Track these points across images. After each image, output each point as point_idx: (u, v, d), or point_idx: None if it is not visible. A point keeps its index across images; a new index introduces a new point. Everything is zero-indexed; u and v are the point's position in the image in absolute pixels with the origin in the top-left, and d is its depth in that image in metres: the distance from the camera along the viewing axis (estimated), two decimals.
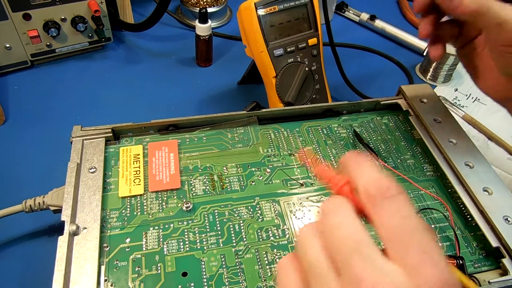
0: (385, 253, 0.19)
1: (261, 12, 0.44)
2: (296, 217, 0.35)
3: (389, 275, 0.17)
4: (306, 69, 0.47)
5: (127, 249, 0.32)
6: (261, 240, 0.33)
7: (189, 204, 0.35)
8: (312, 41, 0.47)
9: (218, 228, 0.34)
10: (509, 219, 0.34)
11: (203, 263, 0.31)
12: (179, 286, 0.30)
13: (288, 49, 0.46)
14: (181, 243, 0.32)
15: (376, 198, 0.19)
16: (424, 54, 0.66)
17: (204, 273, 0.31)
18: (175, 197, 0.36)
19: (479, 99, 0.60)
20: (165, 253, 0.32)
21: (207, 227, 0.34)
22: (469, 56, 0.36)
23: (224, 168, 0.38)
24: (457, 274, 0.23)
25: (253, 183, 0.37)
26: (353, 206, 0.21)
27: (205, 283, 0.30)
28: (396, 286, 0.17)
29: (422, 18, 0.35)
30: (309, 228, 0.21)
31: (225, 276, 0.31)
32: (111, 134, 0.39)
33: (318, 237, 0.20)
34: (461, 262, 0.31)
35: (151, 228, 0.33)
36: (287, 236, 0.34)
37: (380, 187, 0.20)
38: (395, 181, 0.20)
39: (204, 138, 0.41)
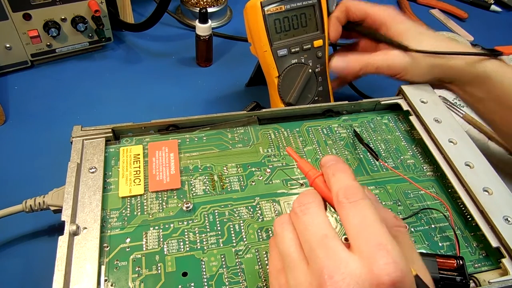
0: (348, 246, 0.22)
1: (267, 11, 0.44)
2: None
3: (348, 264, 0.21)
4: (310, 70, 0.47)
5: (127, 249, 0.32)
6: (261, 240, 0.33)
7: (189, 204, 0.35)
8: (317, 43, 0.47)
9: (218, 228, 0.34)
10: (509, 219, 0.34)
11: (203, 263, 0.31)
12: (179, 286, 0.30)
13: (293, 50, 0.46)
14: (181, 243, 0.32)
15: (343, 203, 0.23)
16: None
17: (204, 273, 0.31)
18: (175, 197, 0.36)
19: None
20: (165, 253, 0.32)
21: (207, 227, 0.34)
22: None
23: (224, 168, 0.38)
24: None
25: (253, 183, 0.37)
26: (322, 198, 0.25)
27: (205, 283, 0.30)
28: (353, 273, 0.20)
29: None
30: (282, 222, 0.26)
31: (225, 276, 0.31)
32: (111, 134, 0.39)
33: (291, 230, 0.25)
34: (461, 262, 0.31)
35: (151, 228, 0.33)
36: None
37: (347, 194, 0.24)
38: (361, 188, 0.24)
39: (204, 138, 0.41)
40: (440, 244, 0.34)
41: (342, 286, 0.20)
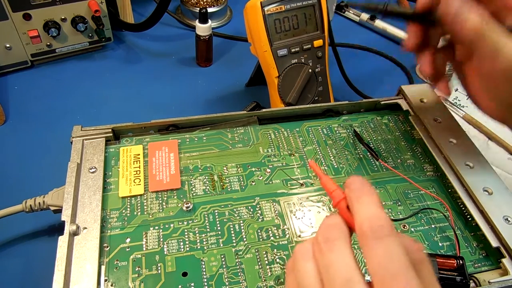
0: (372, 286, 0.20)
1: (267, 11, 0.44)
2: (296, 217, 0.35)
3: None
4: (310, 70, 0.47)
5: (127, 249, 0.32)
6: (261, 240, 0.33)
7: (189, 204, 0.35)
8: (317, 43, 0.47)
9: (218, 228, 0.34)
10: (509, 219, 0.34)
11: (203, 263, 0.31)
12: (179, 286, 0.30)
13: (293, 50, 0.46)
14: (181, 243, 0.32)
15: (367, 237, 0.21)
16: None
17: (204, 273, 0.31)
18: (175, 197, 0.36)
19: None
20: (165, 253, 0.32)
21: (207, 227, 0.34)
22: (461, 79, 0.36)
23: (224, 168, 0.38)
24: None
25: (253, 183, 0.37)
26: (348, 226, 0.23)
27: (205, 283, 0.30)
28: None
29: (420, 56, 0.35)
30: (304, 252, 0.23)
31: (225, 276, 0.31)
32: (111, 134, 0.39)
33: (313, 263, 0.22)
34: (461, 262, 0.31)
35: (151, 228, 0.33)
36: (287, 236, 0.34)
37: (372, 227, 0.21)
38: (389, 220, 0.21)
39: (204, 138, 0.41)
40: (440, 244, 0.34)
41: None
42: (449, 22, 0.31)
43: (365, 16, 0.73)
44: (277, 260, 0.32)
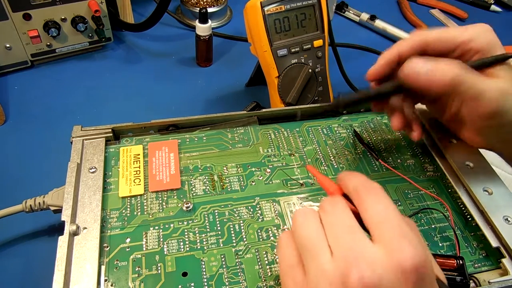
0: (371, 238, 0.23)
1: (267, 11, 0.44)
2: None
3: (374, 252, 0.22)
4: (310, 70, 0.47)
5: (127, 249, 0.32)
6: (261, 240, 0.33)
7: (189, 204, 0.35)
8: (317, 43, 0.47)
9: (218, 228, 0.34)
10: (509, 219, 0.34)
11: (203, 263, 0.31)
12: (179, 286, 0.30)
13: (293, 50, 0.46)
14: (181, 243, 0.32)
15: (361, 194, 0.25)
16: None
17: (204, 273, 0.31)
18: (175, 197, 0.36)
19: None
20: (165, 253, 0.32)
21: (207, 227, 0.34)
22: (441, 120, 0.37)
23: (224, 168, 0.38)
24: None
25: (253, 183, 0.37)
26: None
27: (205, 283, 0.30)
28: (378, 261, 0.21)
29: (391, 115, 0.36)
30: (306, 212, 0.26)
31: (225, 276, 0.31)
32: (111, 134, 0.39)
33: (316, 220, 0.25)
34: (461, 262, 0.31)
35: (151, 228, 0.33)
36: None
37: (365, 186, 0.25)
38: (378, 184, 0.25)
39: (204, 138, 0.41)
40: (440, 244, 0.34)
41: (367, 274, 0.21)
42: (422, 80, 0.31)
43: (365, 16, 0.73)
44: (277, 260, 0.32)
